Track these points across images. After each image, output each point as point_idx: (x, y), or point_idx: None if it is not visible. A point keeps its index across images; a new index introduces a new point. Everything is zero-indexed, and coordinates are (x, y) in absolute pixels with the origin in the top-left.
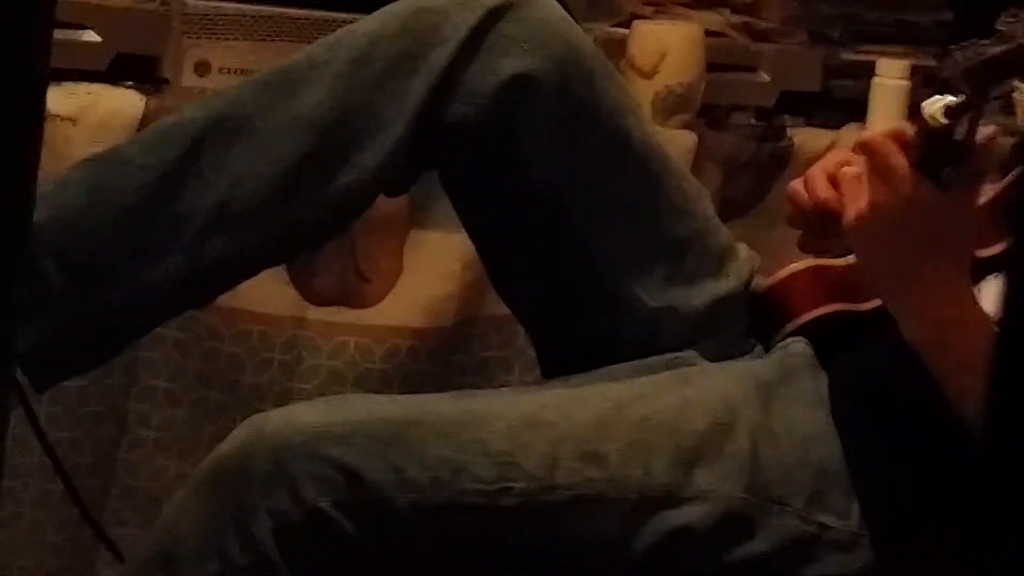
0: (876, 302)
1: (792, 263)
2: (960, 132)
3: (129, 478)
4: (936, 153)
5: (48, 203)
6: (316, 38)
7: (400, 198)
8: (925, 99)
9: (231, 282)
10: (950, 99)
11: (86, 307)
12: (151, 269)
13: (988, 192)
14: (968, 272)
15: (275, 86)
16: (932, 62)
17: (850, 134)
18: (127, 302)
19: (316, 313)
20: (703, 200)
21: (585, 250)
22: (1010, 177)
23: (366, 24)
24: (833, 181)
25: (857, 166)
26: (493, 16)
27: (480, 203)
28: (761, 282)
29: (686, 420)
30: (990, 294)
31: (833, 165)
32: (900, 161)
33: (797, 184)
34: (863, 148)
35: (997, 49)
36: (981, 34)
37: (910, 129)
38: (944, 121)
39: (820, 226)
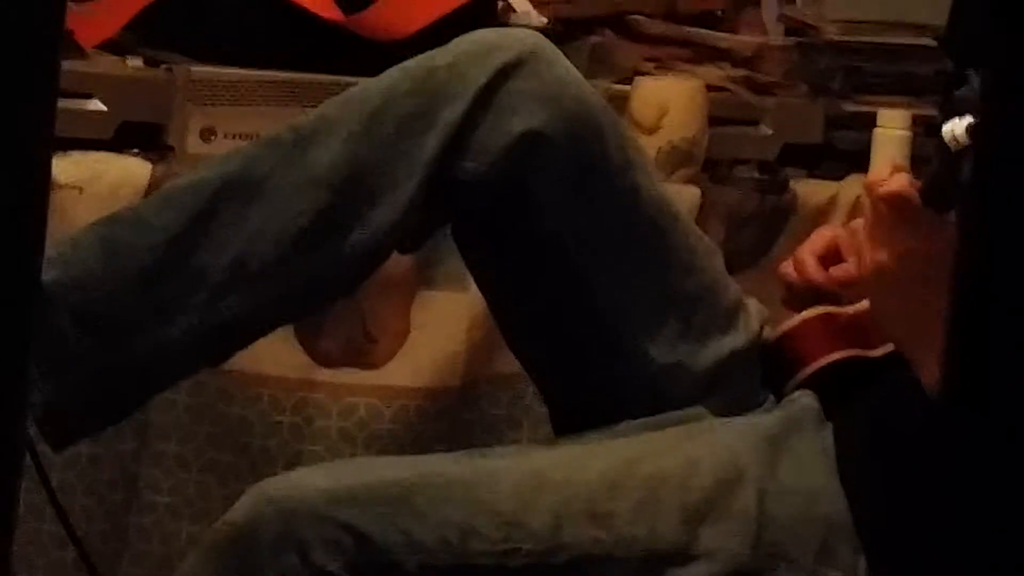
0: (887, 348)
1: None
2: (966, 171)
3: (141, 543)
4: (944, 192)
5: (64, 262)
6: (320, 102)
7: (406, 258)
8: (945, 123)
9: (247, 339)
10: (972, 119)
11: (103, 365)
12: (167, 327)
13: None
14: None
15: (288, 145)
16: (933, 111)
17: (853, 185)
18: (144, 360)
19: (325, 375)
20: (713, 257)
21: (596, 306)
22: None
23: (378, 83)
24: (833, 250)
25: (861, 222)
26: (504, 74)
27: (492, 258)
28: (771, 333)
29: (692, 478)
30: None
31: (820, 246)
32: (917, 201)
33: (787, 267)
34: (888, 200)
35: None
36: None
37: (911, 180)
38: (969, 141)
39: (812, 305)
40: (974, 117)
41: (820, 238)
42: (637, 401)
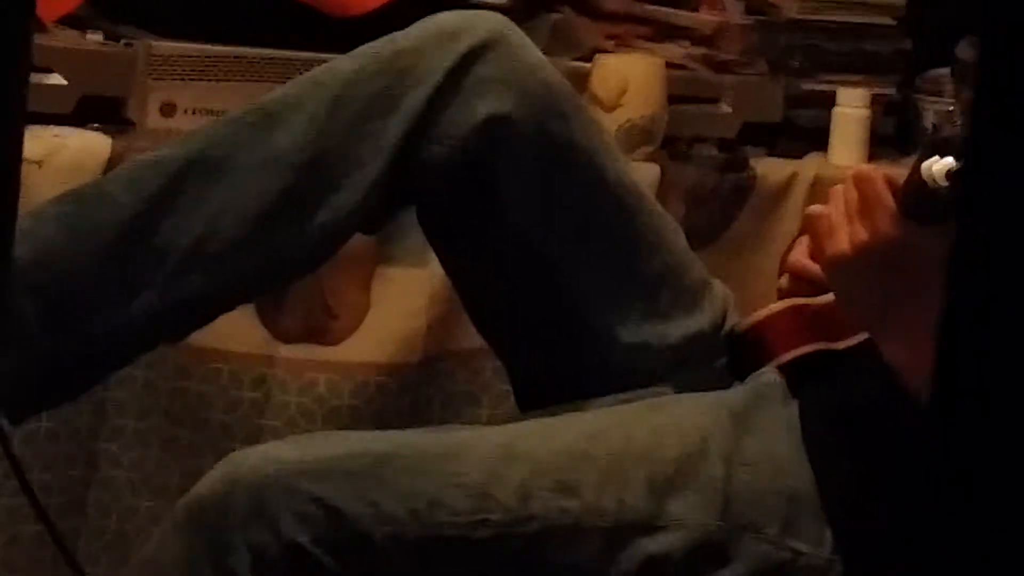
0: (853, 340)
1: (753, 293)
2: (940, 208)
3: (100, 518)
4: (923, 203)
5: (25, 238)
6: (281, 78)
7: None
8: (925, 159)
9: (208, 317)
10: (952, 163)
11: (63, 342)
12: (128, 304)
13: None
14: None
15: (253, 125)
16: (892, 90)
17: (812, 163)
18: (104, 337)
19: (285, 351)
20: (677, 236)
21: (561, 287)
22: None
23: (343, 64)
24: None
25: (830, 207)
26: (469, 58)
27: (457, 241)
28: (741, 322)
29: (659, 449)
30: None
31: None
32: (889, 200)
33: (800, 255)
34: (858, 178)
35: None
36: (941, 63)
37: (899, 173)
38: (944, 184)
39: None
40: (956, 160)
41: None
42: (604, 381)
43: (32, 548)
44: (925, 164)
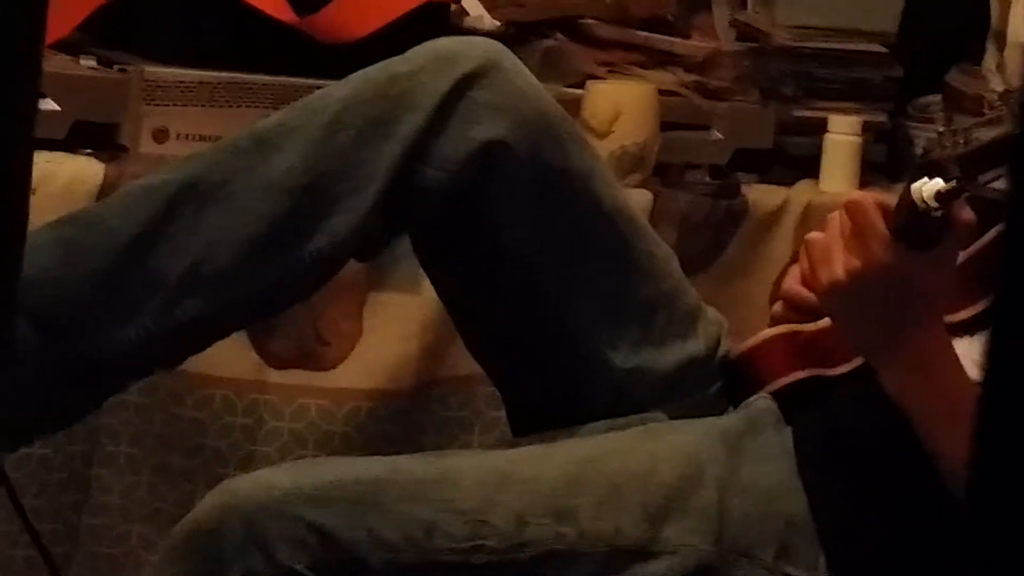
0: (847, 367)
1: (746, 319)
2: (931, 230)
3: (93, 544)
4: (915, 227)
5: None
6: (275, 104)
7: None
8: (914, 180)
9: (202, 343)
10: (941, 184)
11: (58, 367)
12: (123, 330)
13: (959, 259)
14: (943, 322)
15: (248, 150)
16: (883, 118)
17: (803, 190)
18: (99, 362)
19: (277, 376)
20: (672, 262)
21: (557, 313)
22: (984, 240)
23: (339, 89)
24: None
25: (829, 232)
26: (465, 83)
27: (452, 267)
28: (735, 348)
29: (654, 475)
30: (960, 353)
31: None
32: (881, 226)
33: (794, 282)
34: (850, 206)
35: (989, 134)
36: (932, 91)
37: (891, 199)
38: (935, 205)
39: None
40: (944, 182)
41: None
42: (598, 406)
43: (24, 573)
44: (915, 186)
